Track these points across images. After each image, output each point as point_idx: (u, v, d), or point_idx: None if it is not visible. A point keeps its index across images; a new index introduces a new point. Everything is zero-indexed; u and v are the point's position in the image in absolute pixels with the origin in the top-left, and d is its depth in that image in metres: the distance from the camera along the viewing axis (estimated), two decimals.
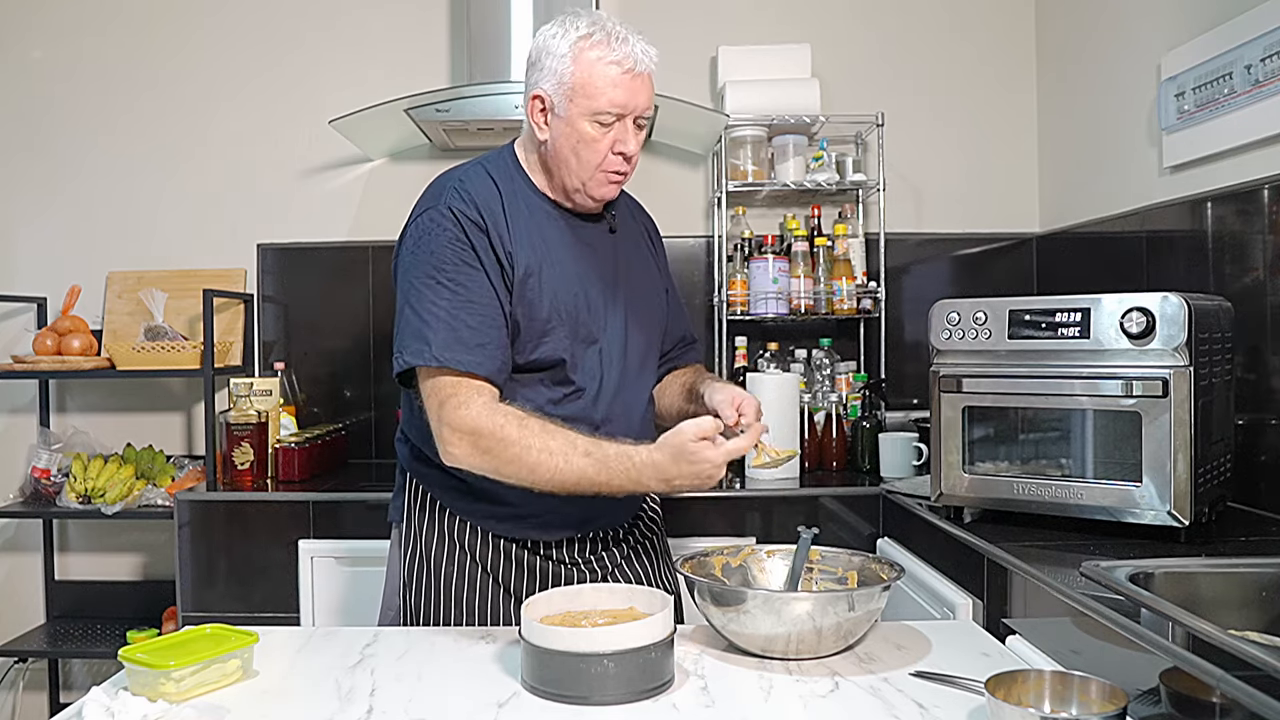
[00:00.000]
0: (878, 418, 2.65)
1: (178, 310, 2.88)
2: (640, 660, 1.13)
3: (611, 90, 1.42)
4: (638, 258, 1.63)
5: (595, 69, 1.42)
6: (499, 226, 1.44)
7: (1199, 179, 2.08)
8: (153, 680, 1.15)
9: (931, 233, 2.95)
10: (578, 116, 1.43)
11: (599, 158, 1.45)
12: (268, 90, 2.98)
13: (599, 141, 1.44)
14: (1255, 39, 1.85)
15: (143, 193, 2.99)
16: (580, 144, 1.44)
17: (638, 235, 1.67)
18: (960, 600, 1.76)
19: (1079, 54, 2.69)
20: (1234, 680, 0.98)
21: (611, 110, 1.43)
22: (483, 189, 1.47)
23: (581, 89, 1.42)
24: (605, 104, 1.42)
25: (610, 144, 1.45)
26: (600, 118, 1.43)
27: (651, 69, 1.46)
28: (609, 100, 1.42)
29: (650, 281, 1.66)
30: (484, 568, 1.53)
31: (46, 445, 2.87)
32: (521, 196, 1.50)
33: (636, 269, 1.61)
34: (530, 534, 1.53)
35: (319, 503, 2.40)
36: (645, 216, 1.75)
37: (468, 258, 1.41)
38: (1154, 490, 1.59)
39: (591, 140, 1.44)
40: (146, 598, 2.90)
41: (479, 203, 1.45)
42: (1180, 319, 1.57)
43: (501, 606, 1.52)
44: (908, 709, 1.10)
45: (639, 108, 1.45)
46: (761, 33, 2.90)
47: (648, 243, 1.70)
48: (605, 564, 1.59)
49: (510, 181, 1.51)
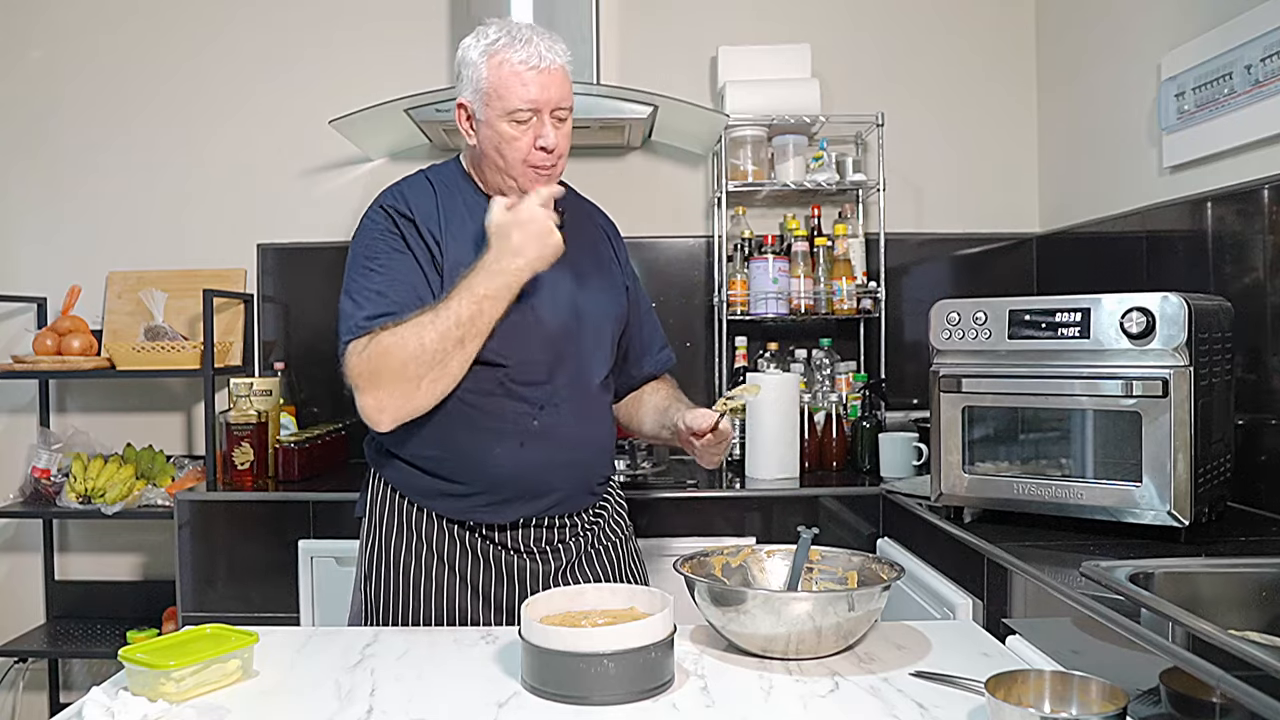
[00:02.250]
0: (878, 418, 2.65)
1: (178, 310, 2.88)
2: (640, 660, 1.13)
3: (520, 89, 1.49)
4: (590, 255, 1.67)
5: (504, 71, 1.49)
6: (429, 220, 1.54)
7: (1199, 179, 2.08)
8: (153, 680, 1.15)
9: (931, 233, 2.95)
10: (496, 118, 1.50)
11: (522, 154, 1.51)
12: (268, 90, 2.98)
13: (519, 139, 1.51)
14: (1255, 39, 1.85)
15: (143, 193, 2.99)
16: (502, 143, 1.51)
17: (595, 238, 1.72)
18: (960, 600, 1.76)
19: (1079, 54, 2.69)
20: (1234, 680, 0.98)
21: (523, 107, 1.49)
22: (417, 188, 1.59)
23: (494, 92, 1.50)
24: (517, 102, 1.49)
25: (531, 140, 1.51)
26: (516, 115, 1.50)
27: (560, 63, 1.52)
28: (519, 98, 1.49)
29: (609, 278, 1.70)
30: (440, 557, 1.56)
31: (46, 445, 2.87)
32: (462, 198, 1.59)
33: (590, 265, 1.66)
34: (483, 515, 1.55)
35: (319, 503, 2.40)
36: (605, 220, 1.80)
37: (396, 245, 1.52)
38: (1154, 490, 1.59)
39: (512, 139, 1.51)
40: (146, 598, 2.90)
41: (409, 199, 1.56)
42: (1180, 319, 1.57)
43: (458, 597, 1.55)
44: (908, 709, 1.10)
45: (551, 100, 1.51)
46: (761, 33, 2.90)
47: (608, 246, 1.75)
48: (562, 557, 1.60)
49: (451, 186, 1.60)
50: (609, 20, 2.90)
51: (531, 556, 1.58)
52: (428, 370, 1.42)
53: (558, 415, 1.55)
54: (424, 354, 1.41)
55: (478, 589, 1.56)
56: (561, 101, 1.52)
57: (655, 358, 1.82)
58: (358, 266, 1.52)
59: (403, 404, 1.44)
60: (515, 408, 1.53)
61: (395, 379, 1.42)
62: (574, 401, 1.58)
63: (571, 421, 1.57)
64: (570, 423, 1.57)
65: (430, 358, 1.41)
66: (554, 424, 1.55)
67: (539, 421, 1.54)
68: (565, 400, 1.56)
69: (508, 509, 1.55)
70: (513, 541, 1.57)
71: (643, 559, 1.76)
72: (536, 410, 1.54)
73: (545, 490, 1.56)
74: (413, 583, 1.56)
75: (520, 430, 1.53)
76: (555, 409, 1.55)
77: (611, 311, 1.67)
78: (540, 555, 1.58)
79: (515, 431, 1.53)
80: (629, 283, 1.75)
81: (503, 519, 1.56)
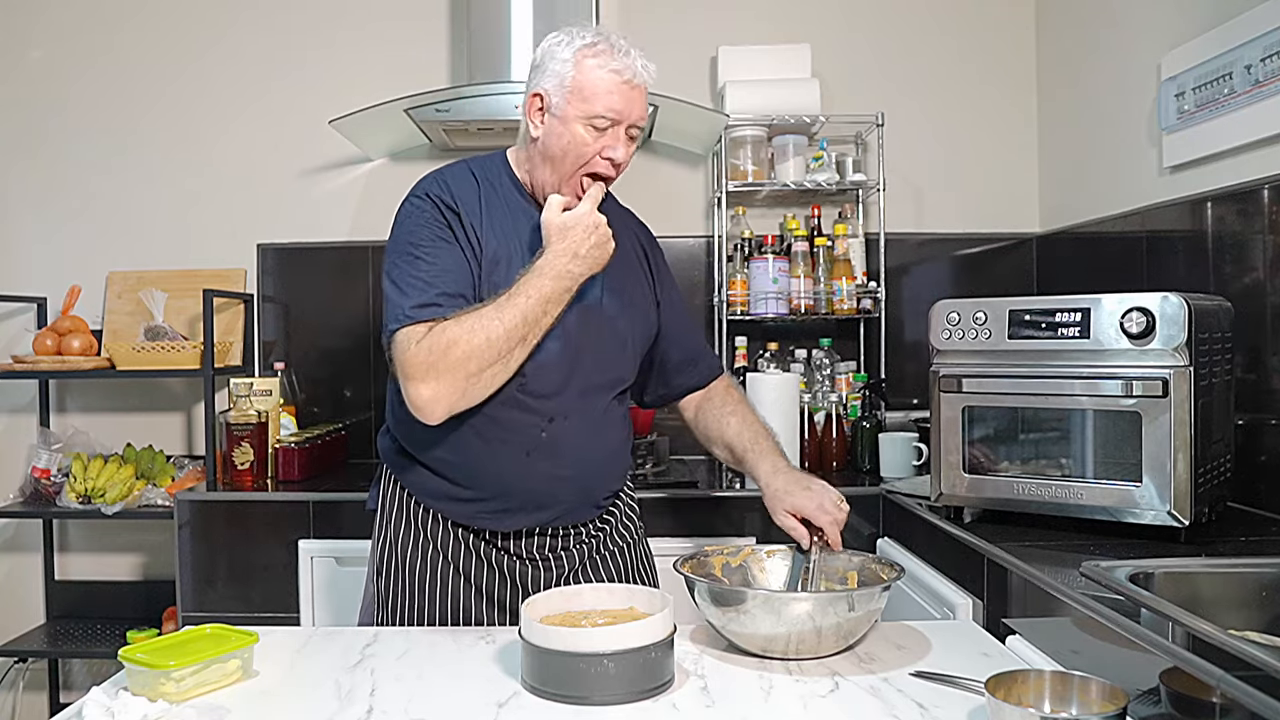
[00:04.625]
0: (878, 418, 2.65)
1: (178, 310, 2.88)
2: (640, 660, 1.13)
3: (608, 96, 1.47)
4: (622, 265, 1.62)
5: (596, 74, 1.47)
6: (471, 213, 1.51)
7: (1199, 179, 2.08)
8: (153, 680, 1.15)
9: (931, 233, 2.95)
10: (573, 118, 1.48)
11: (585, 160, 1.49)
12: (268, 90, 2.98)
13: (589, 145, 1.48)
14: (1255, 39, 1.85)
15: (143, 193, 2.99)
16: (571, 144, 1.48)
17: (628, 246, 1.67)
18: (960, 600, 1.76)
19: (1079, 54, 2.69)
20: (1234, 680, 0.98)
21: (607, 115, 1.47)
22: (460, 179, 1.55)
23: (580, 91, 1.47)
24: (602, 108, 1.47)
25: (599, 149, 1.49)
26: (595, 122, 1.47)
27: (649, 82, 1.51)
28: (605, 105, 1.47)
29: (638, 289, 1.66)
30: (446, 557, 1.56)
31: (46, 445, 2.87)
32: (503, 193, 1.56)
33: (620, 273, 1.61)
34: (487, 522, 1.54)
35: (319, 503, 2.40)
36: (641, 228, 1.76)
37: (442, 234, 1.48)
38: (1154, 490, 1.59)
39: (583, 142, 1.48)
40: (146, 598, 2.90)
41: (453, 189, 1.52)
42: (1180, 319, 1.57)
43: (463, 596, 1.55)
44: (908, 709, 1.10)
45: (633, 117, 1.50)
46: (761, 33, 2.90)
47: (640, 254, 1.71)
48: (565, 564, 1.59)
49: (494, 178, 1.57)
50: (609, 20, 2.90)
51: (534, 563, 1.57)
52: (489, 365, 1.39)
53: (566, 427, 1.52)
54: (490, 348, 1.38)
55: (483, 591, 1.55)
56: (639, 120, 1.51)
57: (699, 368, 1.77)
58: (402, 253, 1.47)
59: (459, 398, 1.40)
60: (524, 419, 1.50)
61: (456, 371, 1.38)
62: (584, 415, 1.54)
63: (580, 435, 1.53)
64: (578, 436, 1.53)
65: (495, 353, 1.39)
66: (561, 436, 1.52)
67: (546, 434, 1.51)
68: (575, 413, 1.53)
69: (511, 518, 1.54)
70: (516, 548, 1.56)
71: (652, 562, 1.73)
72: (545, 422, 1.51)
73: (549, 502, 1.54)
74: (420, 582, 1.56)
75: (527, 441, 1.50)
76: (564, 420, 1.52)
77: (639, 324, 1.64)
78: (544, 562, 1.57)
79: (522, 442, 1.50)
80: (663, 295, 1.72)
81: (506, 527, 1.55)
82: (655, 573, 1.73)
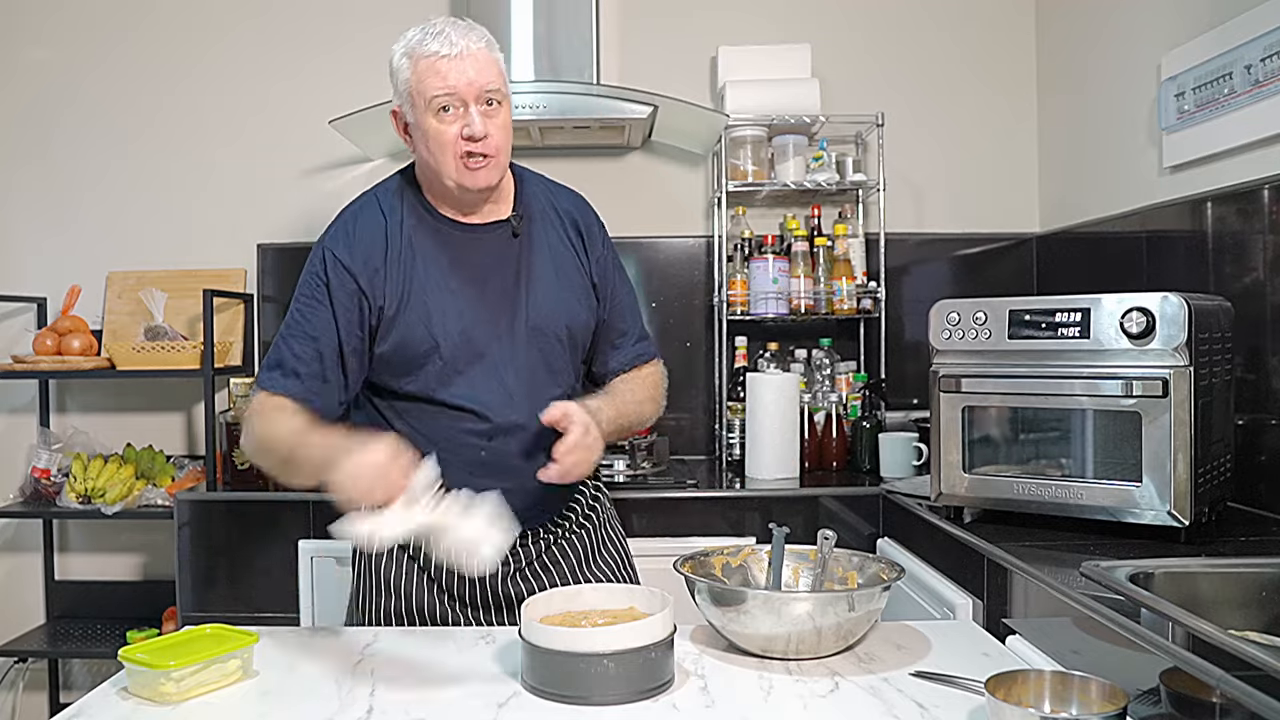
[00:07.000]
0: (878, 418, 2.65)
1: (178, 310, 2.88)
2: (640, 660, 1.13)
3: (434, 79, 1.45)
4: (550, 258, 1.59)
5: (420, 66, 1.47)
6: (371, 266, 1.51)
7: (1199, 179, 2.08)
8: (153, 680, 1.15)
9: (931, 233, 2.95)
10: (422, 116, 1.48)
11: (450, 147, 1.47)
12: (268, 90, 2.98)
13: (445, 132, 1.47)
14: (1255, 39, 1.85)
15: (143, 193, 2.99)
16: (434, 140, 1.48)
17: (556, 234, 1.62)
18: (960, 600, 1.76)
19: (1079, 53, 2.69)
20: (1234, 680, 0.98)
21: (440, 94, 1.45)
22: (367, 225, 1.54)
23: (415, 89, 1.47)
24: (433, 91, 1.46)
25: (458, 130, 1.47)
26: (436, 106, 1.46)
27: (476, 47, 1.47)
28: (435, 88, 1.45)
29: (567, 280, 1.60)
30: (409, 553, 1.57)
31: (46, 445, 2.87)
32: (411, 219, 1.55)
33: (545, 271, 1.58)
34: None
35: (319, 503, 2.39)
36: (573, 205, 1.67)
37: (319, 294, 1.51)
38: (1154, 490, 1.59)
39: (439, 133, 1.47)
40: (146, 598, 2.90)
41: (354, 245, 1.52)
42: (1180, 319, 1.57)
43: (427, 593, 1.55)
44: (908, 709, 1.10)
45: (472, 85, 1.46)
46: (761, 33, 2.89)
47: (569, 238, 1.63)
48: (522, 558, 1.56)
49: (400, 209, 1.56)
50: (609, 20, 2.89)
51: None
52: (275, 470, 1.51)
53: (507, 445, 1.50)
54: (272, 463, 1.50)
55: (443, 585, 1.55)
56: (485, 85, 1.46)
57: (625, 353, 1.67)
58: (294, 297, 1.55)
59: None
60: (463, 439, 1.50)
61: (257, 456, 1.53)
62: (524, 432, 1.51)
63: (521, 453, 1.51)
64: (519, 454, 1.51)
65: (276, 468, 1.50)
66: (503, 455, 1.51)
67: (486, 453, 1.50)
68: (514, 431, 1.51)
69: None
70: None
71: (622, 546, 1.70)
72: (485, 442, 1.50)
73: None
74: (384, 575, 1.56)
75: (469, 459, 1.49)
76: (505, 438, 1.50)
77: (577, 319, 1.59)
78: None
79: (464, 462, 1.48)
80: (599, 276, 1.64)
81: None
82: (625, 555, 1.70)
